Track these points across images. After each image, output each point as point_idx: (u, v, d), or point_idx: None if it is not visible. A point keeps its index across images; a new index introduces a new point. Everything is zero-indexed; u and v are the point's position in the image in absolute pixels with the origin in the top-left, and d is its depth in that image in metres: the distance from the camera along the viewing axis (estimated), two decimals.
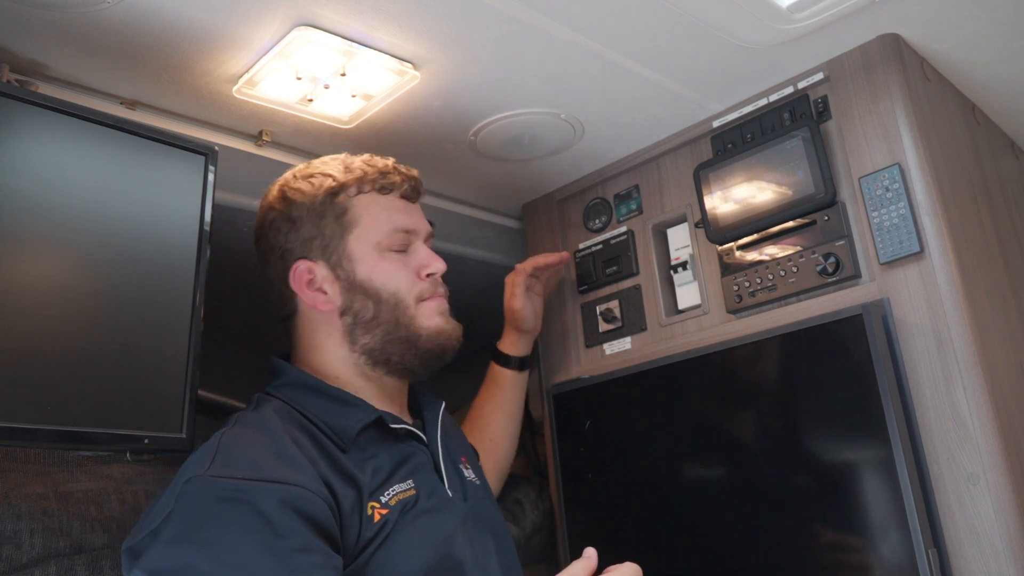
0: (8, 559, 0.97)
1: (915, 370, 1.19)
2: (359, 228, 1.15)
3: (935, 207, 1.22)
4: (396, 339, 1.13)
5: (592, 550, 0.93)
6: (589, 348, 1.65)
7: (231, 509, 0.88)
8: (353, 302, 1.13)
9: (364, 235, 1.15)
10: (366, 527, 0.97)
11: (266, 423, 1.02)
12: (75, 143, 1.02)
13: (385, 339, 1.13)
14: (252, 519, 0.87)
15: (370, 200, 1.17)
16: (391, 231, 1.16)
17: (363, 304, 1.13)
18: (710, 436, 1.36)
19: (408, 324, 1.14)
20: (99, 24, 1.09)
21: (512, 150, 1.57)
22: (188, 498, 0.91)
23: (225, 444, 0.98)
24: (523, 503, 1.62)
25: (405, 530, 1.00)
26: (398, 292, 1.14)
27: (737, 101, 1.48)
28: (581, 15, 1.19)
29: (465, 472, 1.19)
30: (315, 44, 1.17)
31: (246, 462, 0.94)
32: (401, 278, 1.15)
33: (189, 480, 0.92)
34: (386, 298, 1.13)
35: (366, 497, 0.99)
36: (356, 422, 1.06)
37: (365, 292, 1.13)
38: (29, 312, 0.93)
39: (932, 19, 1.28)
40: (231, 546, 0.86)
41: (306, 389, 1.11)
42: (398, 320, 1.13)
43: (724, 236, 1.43)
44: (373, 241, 1.15)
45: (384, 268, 1.14)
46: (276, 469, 0.93)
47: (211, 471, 0.92)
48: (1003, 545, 1.08)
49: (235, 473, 0.92)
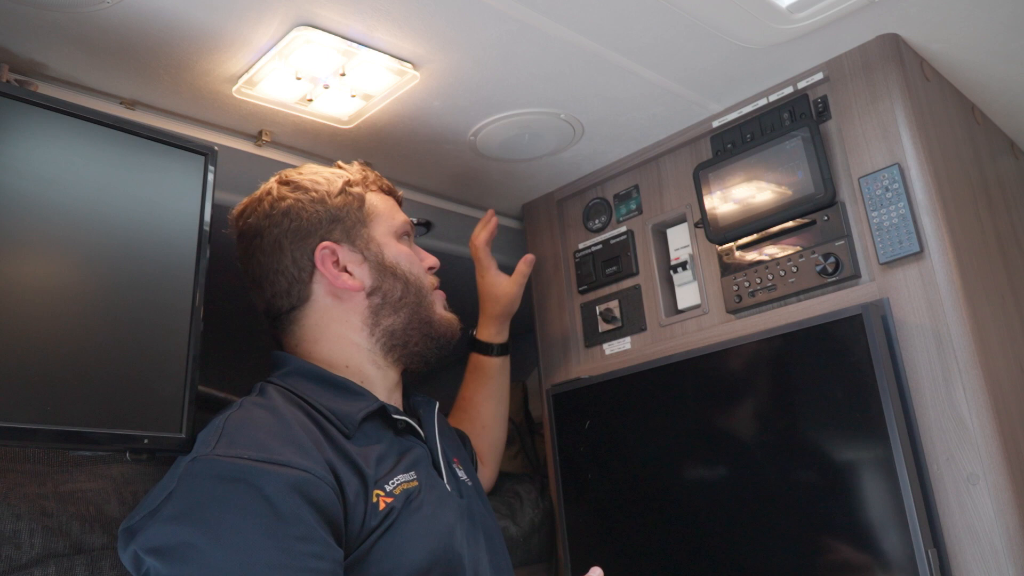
0: (7, 559, 0.97)
1: (915, 370, 1.19)
2: (378, 218, 1.22)
3: (935, 207, 1.22)
4: (417, 321, 1.19)
5: (599, 570, 0.93)
6: (589, 348, 1.65)
7: (235, 490, 0.88)
8: (383, 282, 1.18)
9: (383, 224, 1.22)
10: (371, 515, 0.97)
11: (273, 407, 1.02)
12: (75, 143, 1.01)
13: (408, 321, 1.18)
14: (255, 502, 0.87)
15: (379, 198, 1.24)
16: (402, 223, 1.24)
17: (392, 285, 1.18)
18: (709, 436, 1.36)
19: (428, 308, 1.21)
20: (99, 24, 1.09)
21: (512, 150, 1.57)
22: (191, 477, 0.90)
23: (232, 424, 0.97)
24: (522, 498, 1.62)
25: (410, 519, 1.00)
26: (420, 278, 1.22)
27: (737, 101, 1.48)
28: (581, 15, 1.19)
29: (459, 472, 1.19)
30: (315, 44, 1.17)
31: (253, 443, 0.93)
32: (417, 266, 1.23)
33: (195, 459, 0.92)
34: (412, 280, 1.20)
35: (371, 484, 0.99)
36: (360, 409, 1.07)
37: (394, 273, 1.19)
38: (28, 312, 0.93)
39: (932, 19, 1.28)
40: (232, 527, 0.85)
41: (309, 377, 1.11)
42: (421, 303, 1.20)
43: (724, 236, 1.43)
44: (391, 230, 1.22)
45: (406, 255, 1.22)
46: (283, 452, 0.92)
47: (216, 450, 0.92)
48: (1003, 545, 1.08)
49: (241, 453, 0.91)
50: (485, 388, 1.55)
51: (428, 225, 1.79)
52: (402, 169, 1.62)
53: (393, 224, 1.23)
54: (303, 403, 1.06)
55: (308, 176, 1.21)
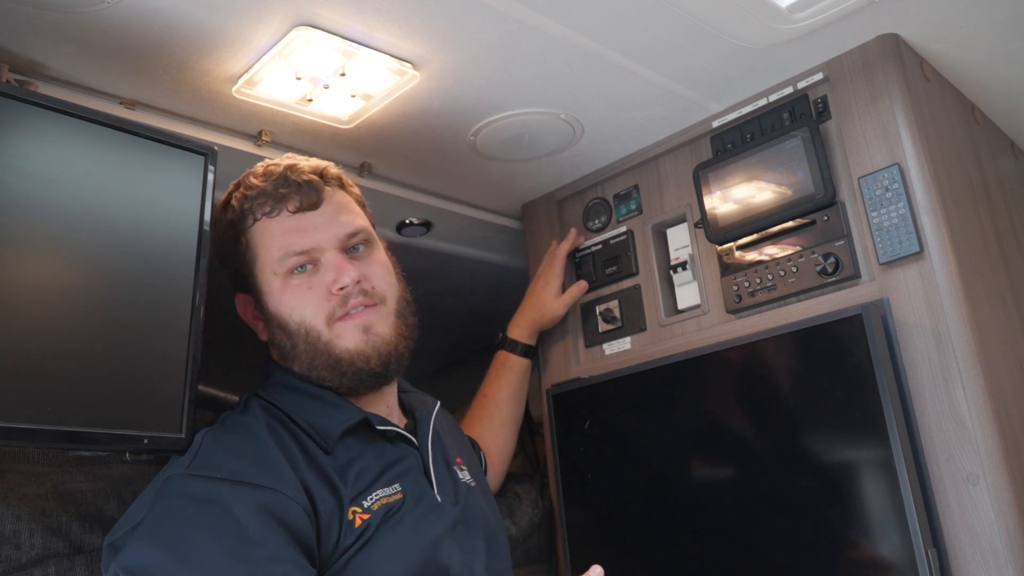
0: (7, 560, 0.97)
1: (915, 370, 1.19)
2: (260, 260, 1.10)
3: (934, 207, 1.22)
4: (320, 365, 1.07)
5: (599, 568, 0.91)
6: (589, 348, 1.65)
7: (205, 511, 0.88)
8: (273, 334, 1.11)
9: (264, 266, 1.10)
10: (346, 533, 0.96)
11: (250, 425, 1.02)
12: (75, 143, 1.01)
13: (310, 366, 1.08)
14: (225, 523, 0.87)
15: (262, 228, 1.10)
16: (281, 258, 1.08)
17: (280, 336, 1.10)
18: (709, 436, 1.36)
19: (326, 350, 1.07)
20: (99, 24, 1.09)
21: (512, 150, 1.57)
22: (164, 496, 0.92)
23: (207, 444, 0.98)
24: (521, 497, 1.62)
25: (387, 535, 0.99)
26: (304, 320, 1.07)
27: (737, 101, 1.48)
28: (581, 15, 1.19)
29: (459, 473, 1.18)
30: (314, 44, 1.17)
31: (225, 463, 0.94)
32: (306, 304, 1.07)
33: (169, 478, 0.93)
34: (295, 328, 1.08)
35: (347, 502, 0.98)
36: (339, 423, 1.05)
37: (278, 324, 1.09)
38: (28, 312, 0.93)
39: (931, 19, 1.28)
40: (200, 549, 0.86)
41: (291, 390, 1.11)
42: (315, 348, 1.07)
43: (724, 236, 1.43)
44: (271, 272, 1.09)
45: (288, 297, 1.08)
46: (255, 472, 0.93)
47: (190, 469, 0.93)
48: (1002, 545, 1.08)
49: (213, 473, 0.92)
50: (509, 387, 1.58)
51: (428, 225, 1.79)
52: (402, 169, 1.62)
53: (272, 260, 1.08)
54: (285, 418, 1.06)
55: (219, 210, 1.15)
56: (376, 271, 1.12)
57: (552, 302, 1.63)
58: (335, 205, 1.12)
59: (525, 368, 1.61)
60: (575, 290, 1.64)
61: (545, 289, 1.64)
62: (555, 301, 1.63)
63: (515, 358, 1.60)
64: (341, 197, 1.15)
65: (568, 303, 1.64)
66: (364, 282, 1.09)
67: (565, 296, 1.63)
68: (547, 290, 1.64)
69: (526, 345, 1.61)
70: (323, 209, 1.11)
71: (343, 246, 1.10)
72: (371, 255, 1.13)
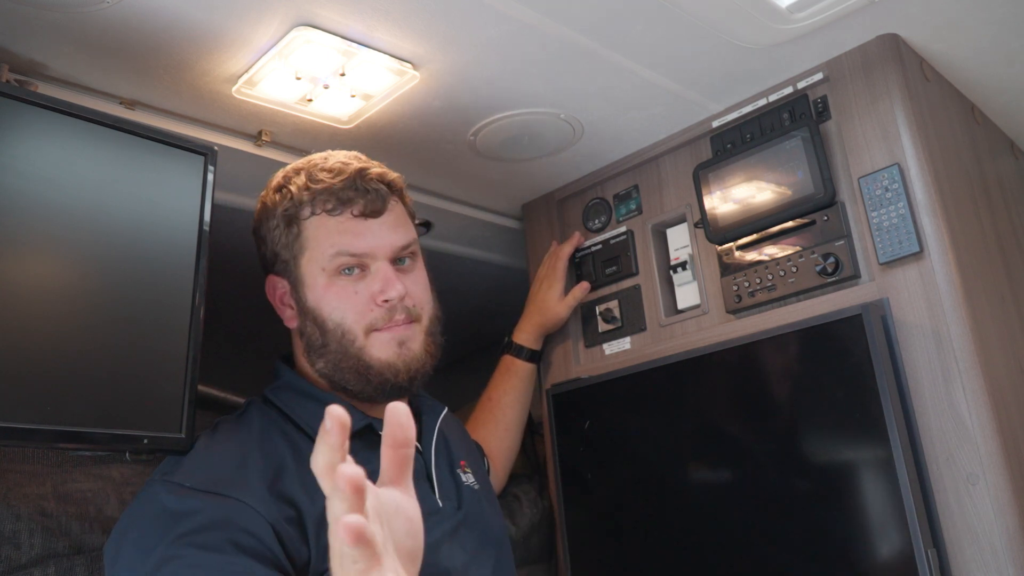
0: (7, 560, 0.97)
1: (914, 370, 1.19)
2: (308, 252, 1.10)
3: (934, 207, 1.22)
4: (347, 368, 1.08)
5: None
6: (589, 348, 1.66)
7: (174, 520, 0.88)
8: (305, 327, 1.11)
9: (312, 259, 1.10)
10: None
11: (240, 434, 1.03)
12: (75, 143, 1.01)
13: (336, 367, 1.09)
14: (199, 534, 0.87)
15: (319, 223, 1.10)
16: (333, 256, 1.08)
17: (312, 330, 1.10)
18: (709, 436, 1.36)
19: (357, 355, 1.08)
20: (98, 24, 1.09)
21: (512, 150, 1.57)
22: (141, 502, 0.94)
23: (196, 450, 0.99)
24: (520, 498, 1.62)
25: None
26: (343, 322, 1.08)
27: (736, 101, 1.48)
28: (581, 15, 1.19)
29: (463, 477, 1.18)
30: (314, 44, 1.17)
31: (204, 472, 0.94)
32: (348, 308, 1.08)
33: (151, 482, 0.95)
34: (332, 328, 1.08)
35: None
36: None
37: (313, 319, 1.09)
38: (28, 312, 0.93)
39: (931, 19, 1.28)
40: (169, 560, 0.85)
41: (297, 393, 1.11)
42: (347, 351, 1.08)
43: (724, 236, 1.43)
44: (319, 267, 1.09)
45: (331, 296, 1.09)
46: (233, 484, 0.93)
47: (174, 476, 0.94)
48: (1002, 545, 1.08)
49: (187, 482, 0.93)
50: (514, 391, 1.58)
51: (428, 225, 1.79)
52: (402, 169, 1.59)
53: (322, 257, 1.09)
54: (287, 423, 1.06)
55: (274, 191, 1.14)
56: (418, 289, 1.14)
57: (556, 305, 1.63)
58: (395, 215, 1.14)
59: (530, 372, 1.62)
60: (578, 292, 1.64)
61: (548, 292, 1.64)
62: (559, 304, 1.63)
63: (520, 363, 1.60)
64: (400, 208, 1.17)
65: (572, 305, 1.64)
66: (408, 299, 1.10)
67: (568, 298, 1.64)
68: (550, 293, 1.64)
69: (531, 350, 1.62)
70: (384, 219, 1.12)
71: (393, 257, 1.12)
72: (415, 270, 1.16)
